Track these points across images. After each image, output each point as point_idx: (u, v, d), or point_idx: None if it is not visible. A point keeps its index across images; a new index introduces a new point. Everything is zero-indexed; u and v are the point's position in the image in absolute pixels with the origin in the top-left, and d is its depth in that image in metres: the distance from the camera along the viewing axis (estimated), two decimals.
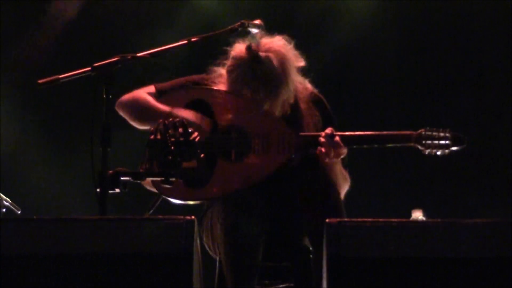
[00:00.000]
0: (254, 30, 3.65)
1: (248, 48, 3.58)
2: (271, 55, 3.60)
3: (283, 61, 3.60)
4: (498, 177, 5.73)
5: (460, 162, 5.66)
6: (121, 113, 3.70)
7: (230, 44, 3.65)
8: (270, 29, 3.69)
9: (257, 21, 3.68)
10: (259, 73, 3.56)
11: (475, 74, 5.88)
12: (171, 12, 6.02)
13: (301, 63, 3.68)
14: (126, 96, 3.69)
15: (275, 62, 3.58)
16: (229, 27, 3.63)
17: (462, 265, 2.64)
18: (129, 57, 3.33)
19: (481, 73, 5.88)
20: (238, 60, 3.61)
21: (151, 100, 3.66)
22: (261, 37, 3.64)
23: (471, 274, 2.63)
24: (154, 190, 3.57)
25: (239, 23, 3.64)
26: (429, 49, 5.95)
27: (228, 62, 3.65)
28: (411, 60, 5.95)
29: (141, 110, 3.64)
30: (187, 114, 3.58)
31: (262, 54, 3.59)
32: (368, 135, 3.62)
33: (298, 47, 3.71)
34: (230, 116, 3.61)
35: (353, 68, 5.98)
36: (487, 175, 5.77)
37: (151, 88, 3.71)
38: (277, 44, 3.65)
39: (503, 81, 5.78)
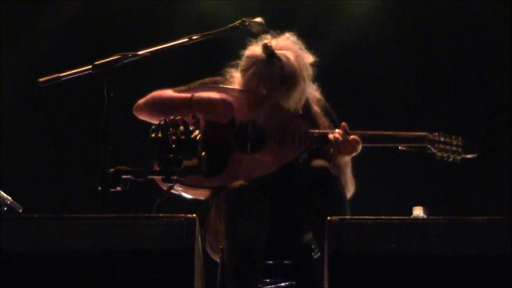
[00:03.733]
0: (255, 28, 3.67)
1: (265, 46, 3.60)
2: (286, 52, 3.63)
3: (298, 58, 3.64)
4: (499, 175, 5.73)
5: (462, 160, 5.66)
6: (142, 115, 3.72)
7: (245, 46, 3.68)
8: (270, 29, 3.71)
9: (257, 19, 3.69)
10: (276, 70, 3.59)
11: (476, 73, 5.88)
12: (172, 10, 6.02)
13: (312, 59, 3.71)
14: (143, 98, 3.72)
15: (291, 59, 3.61)
16: (230, 25, 3.65)
17: (463, 263, 2.64)
18: (130, 55, 3.34)
19: (482, 71, 5.87)
20: (254, 59, 3.64)
21: (169, 91, 3.69)
22: (271, 37, 3.66)
23: (472, 271, 2.63)
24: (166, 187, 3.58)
25: (239, 21, 3.66)
26: (430, 48, 5.95)
27: (243, 62, 3.68)
28: (411, 59, 5.94)
29: (161, 103, 3.66)
30: (209, 94, 3.62)
31: (278, 52, 3.61)
32: (382, 134, 3.63)
33: (307, 47, 3.73)
34: (246, 112, 3.64)
35: (354, 68, 5.98)
36: (488, 172, 5.76)
37: (169, 91, 3.73)
38: (290, 41, 3.69)
39: (504, 80, 5.77)
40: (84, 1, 6.02)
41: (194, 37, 3.55)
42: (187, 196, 3.68)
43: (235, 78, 3.72)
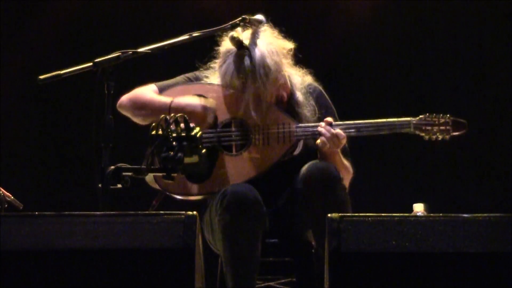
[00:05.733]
0: (255, 25, 3.66)
1: (231, 38, 3.59)
2: (256, 41, 3.61)
3: (269, 46, 3.61)
4: (499, 172, 5.73)
5: (462, 156, 5.66)
6: (124, 112, 3.72)
7: (219, 43, 3.68)
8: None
9: (258, 16, 3.69)
10: (247, 60, 3.57)
11: (475, 70, 5.87)
12: (173, 8, 6.01)
13: (289, 45, 3.68)
14: (126, 95, 3.71)
15: (261, 47, 3.59)
16: (230, 22, 3.64)
17: (463, 260, 2.64)
18: (130, 52, 3.34)
19: (481, 69, 5.87)
20: (226, 53, 3.62)
21: (151, 93, 3.69)
22: (242, 29, 3.65)
23: (472, 269, 2.63)
24: (158, 187, 3.58)
25: (240, 18, 3.65)
26: (430, 48, 5.94)
27: (219, 59, 3.66)
28: (411, 58, 5.94)
29: (142, 104, 3.66)
30: (189, 100, 3.62)
31: (247, 42, 3.60)
32: (366, 123, 3.62)
33: (298, 45, 3.72)
34: (229, 110, 3.64)
35: (354, 66, 5.97)
36: (488, 169, 5.76)
37: (152, 87, 3.73)
38: (261, 30, 3.66)
39: (504, 76, 5.77)
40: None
41: (194, 34, 3.55)
42: (181, 198, 3.66)
43: (215, 73, 3.71)
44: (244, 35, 3.62)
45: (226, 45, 3.64)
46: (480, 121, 5.73)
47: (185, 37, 3.54)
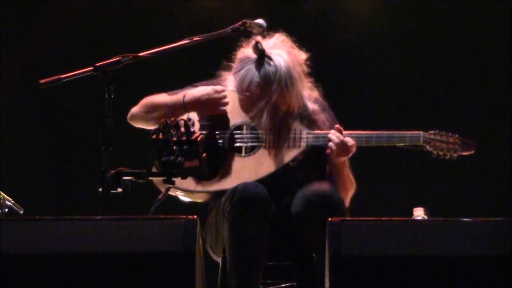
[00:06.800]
0: (256, 30, 3.67)
1: (255, 46, 3.60)
2: (278, 51, 3.63)
3: (290, 56, 3.63)
4: (499, 176, 5.73)
5: (462, 160, 5.66)
6: (136, 122, 3.72)
7: (237, 48, 3.69)
8: (270, 29, 3.71)
9: (259, 20, 3.69)
10: (269, 69, 3.58)
11: (476, 73, 5.87)
12: (173, 11, 6.02)
13: (304, 56, 3.71)
14: (135, 106, 3.72)
15: (284, 57, 3.61)
16: (231, 26, 3.65)
17: (463, 264, 2.64)
18: (131, 56, 3.34)
19: (482, 72, 5.87)
20: (245, 60, 3.64)
21: (161, 96, 3.70)
22: (262, 38, 3.67)
23: (472, 272, 2.63)
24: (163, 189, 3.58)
25: (240, 22, 3.66)
26: (430, 48, 5.94)
27: (235, 65, 3.68)
28: (411, 59, 5.93)
29: (154, 106, 3.67)
30: (201, 90, 3.64)
31: (269, 51, 3.62)
32: (377, 134, 3.63)
33: (299, 46, 3.73)
34: (242, 114, 3.66)
35: (354, 69, 5.97)
36: (488, 173, 5.76)
37: (161, 95, 3.74)
38: (281, 40, 3.69)
39: (505, 80, 5.77)
40: (85, 2, 6.02)
41: (195, 39, 3.56)
42: (185, 199, 3.68)
43: (229, 81, 3.72)
44: (264, 44, 3.63)
45: (245, 51, 3.66)
46: (480, 125, 5.74)
47: (185, 41, 3.54)
